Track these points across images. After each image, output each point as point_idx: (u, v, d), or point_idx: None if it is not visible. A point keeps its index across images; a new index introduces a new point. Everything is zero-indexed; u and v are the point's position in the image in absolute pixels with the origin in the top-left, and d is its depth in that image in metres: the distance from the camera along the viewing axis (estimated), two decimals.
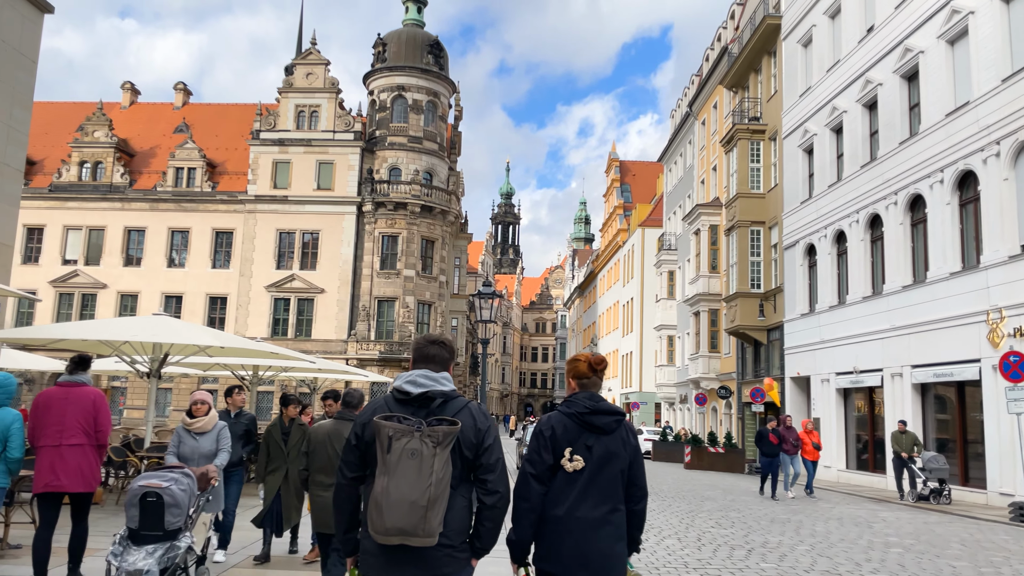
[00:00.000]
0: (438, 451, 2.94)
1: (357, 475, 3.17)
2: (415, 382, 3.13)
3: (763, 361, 29.55)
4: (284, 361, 15.45)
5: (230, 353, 13.85)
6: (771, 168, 29.09)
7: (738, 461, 26.74)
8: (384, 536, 2.92)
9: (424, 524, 2.89)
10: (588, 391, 3.52)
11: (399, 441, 2.94)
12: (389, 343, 47.35)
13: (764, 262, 28.79)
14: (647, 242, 47.70)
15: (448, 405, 3.13)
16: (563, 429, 3.41)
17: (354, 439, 3.16)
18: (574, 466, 3.35)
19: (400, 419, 3.01)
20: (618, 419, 3.47)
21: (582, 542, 3.31)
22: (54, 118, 54.31)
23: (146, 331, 12.39)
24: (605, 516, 3.36)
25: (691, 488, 19.44)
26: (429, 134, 50.87)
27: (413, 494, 2.88)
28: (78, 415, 6.13)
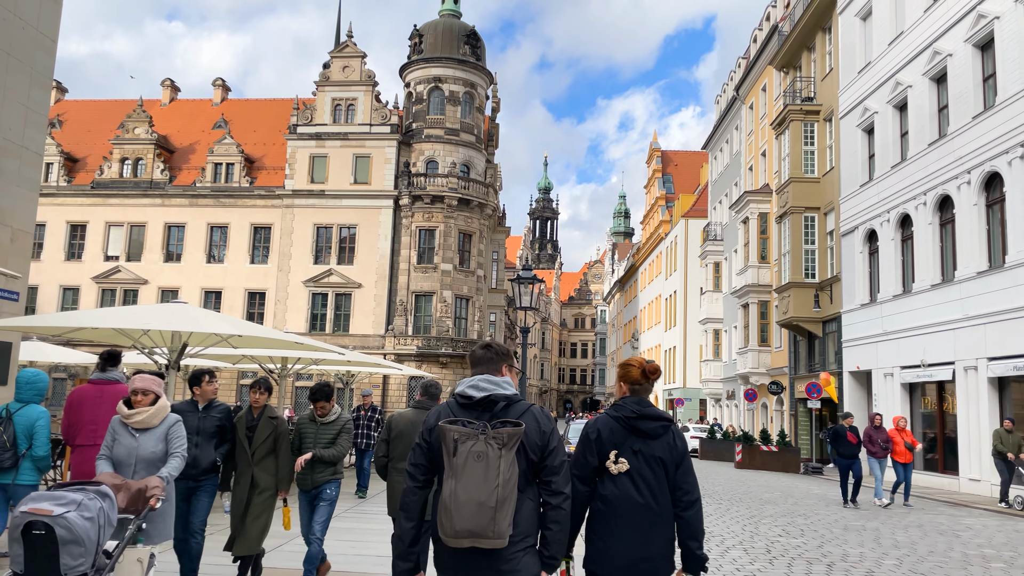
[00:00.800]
0: (503, 453, 2.95)
1: (427, 478, 3.18)
2: (477, 386, 3.15)
3: (818, 355, 27.87)
4: (312, 353, 14.46)
5: (253, 344, 12.87)
6: (826, 151, 27.38)
7: (793, 461, 25.16)
8: (455, 539, 2.91)
9: (494, 525, 2.88)
10: (638, 396, 3.54)
11: (464, 444, 2.96)
12: (427, 338, 46.48)
13: (819, 250, 27.11)
14: (691, 233, 46.04)
15: (511, 408, 3.13)
16: (609, 432, 3.44)
17: (423, 443, 3.17)
18: (619, 468, 3.38)
19: (464, 423, 3.04)
20: (665, 424, 3.47)
21: (630, 546, 3.33)
22: (96, 116, 54.66)
23: (162, 319, 11.49)
24: (654, 520, 3.35)
25: (746, 490, 18.03)
26: (466, 126, 49.86)
27: (481, 495, 2.89)
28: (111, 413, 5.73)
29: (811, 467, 24.42)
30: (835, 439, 14.77)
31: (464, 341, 47.11)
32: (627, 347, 65.14)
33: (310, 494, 6.40)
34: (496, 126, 55.40)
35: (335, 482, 6.43)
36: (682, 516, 3.43)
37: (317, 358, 15.75)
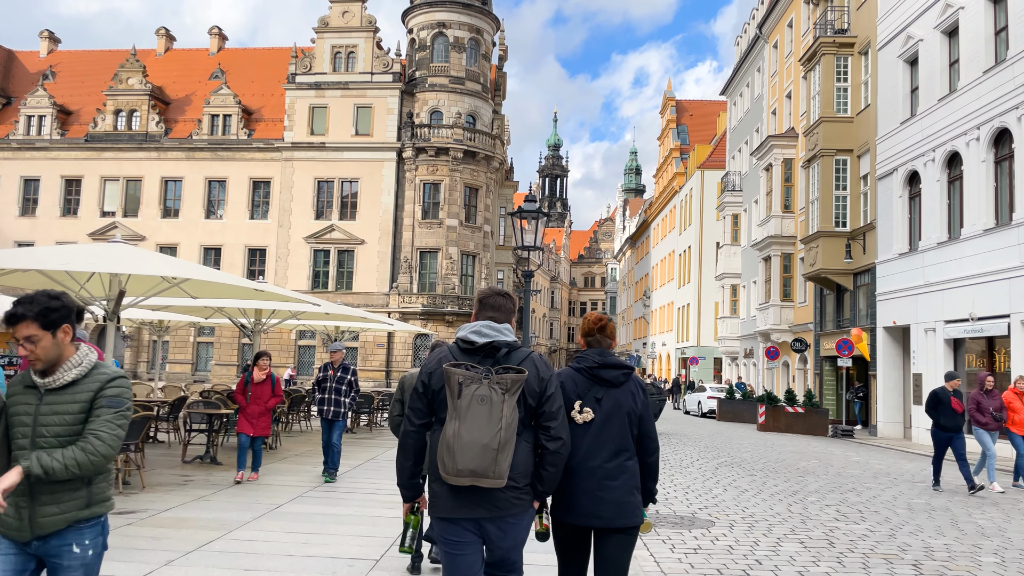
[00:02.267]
0: (506, 398, 3.02)
1: (425, 422, 3.23)
2: (480, 332, 3.20)
3: (847, 310, 25.64)
4: (280, 304, 12.41)
5: (204, 290, 10.82)
6: (861, 87, 24.78)
7: (820, 423, 23.09)
8: (456, 477, 2.99)
9: (495, 466, 2.96)
10: (598, 347, 3.59)
11: (469, 387, 3.02)
12: (432, 296, 44.46)
13: (851, 196, 24.69)
14: (707, 185, 43.48)
15: (512, 355, 3.20)
16: (572, 383, 3.50)
17: (421, 387, 3.22)
18: (583, 418, 3.42)
19: (468, 367, 3.09)
20: (626, 372, 3.53)
21: (595, 491, 3.36)
22: (90, 67, 52.18)
23: (90, 259, 9.44)
24: (618, 466, 3.40)
25: (777, 457, 16.01)
26: (472, 74, 47.12)
27: (484, 437, 2.97)
28: None
29: (840, 430, 22.37)
30: (934, 405, 11.44)
31: (471, 299, 45.04)
32: (638, 305, 63.02)
33: (29, 552, 2.88)
34: (503, 75, 52.56)
35: (92, 527, 2.92)
36: (647, 462, 3.55)
37: (295, 311, 13.70)
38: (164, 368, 47.55)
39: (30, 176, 48.49)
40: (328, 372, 9.72)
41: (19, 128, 48.53)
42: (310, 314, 14.64)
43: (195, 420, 11.55)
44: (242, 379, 9.64)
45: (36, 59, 53.83)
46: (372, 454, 13.27)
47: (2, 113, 50.45)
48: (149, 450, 12.51)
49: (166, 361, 47.60)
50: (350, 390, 9.76)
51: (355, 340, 45.57)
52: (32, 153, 48.39)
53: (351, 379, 9.80)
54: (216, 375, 46.46)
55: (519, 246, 10.00)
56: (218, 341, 47.01)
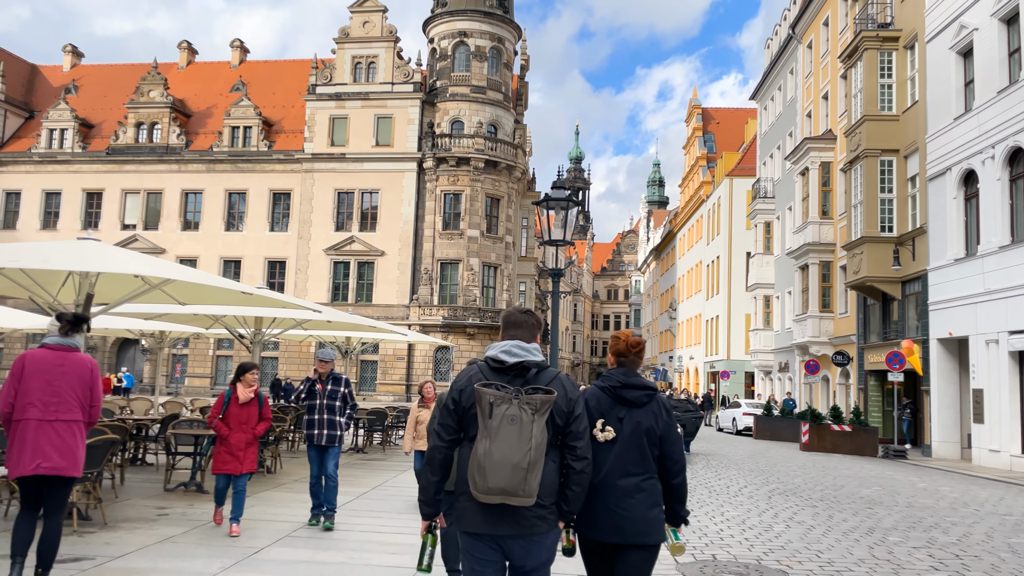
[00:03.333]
0: (536, 418, 3.02)
1: (454, 438, 3.23)
2: (510, 352, 3.22)
3: (894, 320, 23.78)
4: (279, 311, 11.00)
5: (192, 296, 9.43)
6: (907, 84, 23.05)
7: (869, 442, 21.20)
8: (486, 495, 3.00)
9: (524, 485, 2.97)
10: (624, 367, 3.60)
11: (500, 407, 3.02)
12: (453, 308, 43.06)
13: (898, 199, 22.90)
14: (736, 193, 41.72)
15: (541, 375, 3.20)
16: (596, 401, 3.49)
17: (452, 404, 3.23)
18: (605, 436, 3.42)
19: (498, 387, 3.09)
20: (649, 393, 3.51)
21: (615, 508, 3.37)
22: (113, 80, 51.79)
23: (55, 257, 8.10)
24: (637, 485, 3.40)
25: (833, 482, 14.26)
26: (493, 83, 45.93)
27: (515, 457, 2.97)
28: (76, 385, 5.18)
29: (892, 450, 20.47)
30: None
31: (492, 311, 43.61)
32: (664, 317, 61.13)
33: None
34: (525, 84, 51.32)
35: None
36: (672, 483, 3.49)
37: (299, 319, 12.29)
38: (183, 382, 46.63)
39: (51, 189, 47.98)
40: (316, 387, 7.80)
41: (41, 141, 48.10)
42: (316, 323, 13.24)
43: (181, 442, 10.13)
44: (220, 399, 7.45)
45: (59, 73, 53.57)
46: (380, 479, 11.76)
47: (25, 127, 50.12)
48: (133, 475, 11.12)
49: (184, 375, 46.63)
50: (345, 406, 7.88)
51: (375, 353, 44.31)
52: (54, 166, 47.89)
53: (346, 392, 7.91)
54: None
55: (545, 240, 8.48)
56: (237, 355, 45.91)
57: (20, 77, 51.69)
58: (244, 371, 7.55)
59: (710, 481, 13.53)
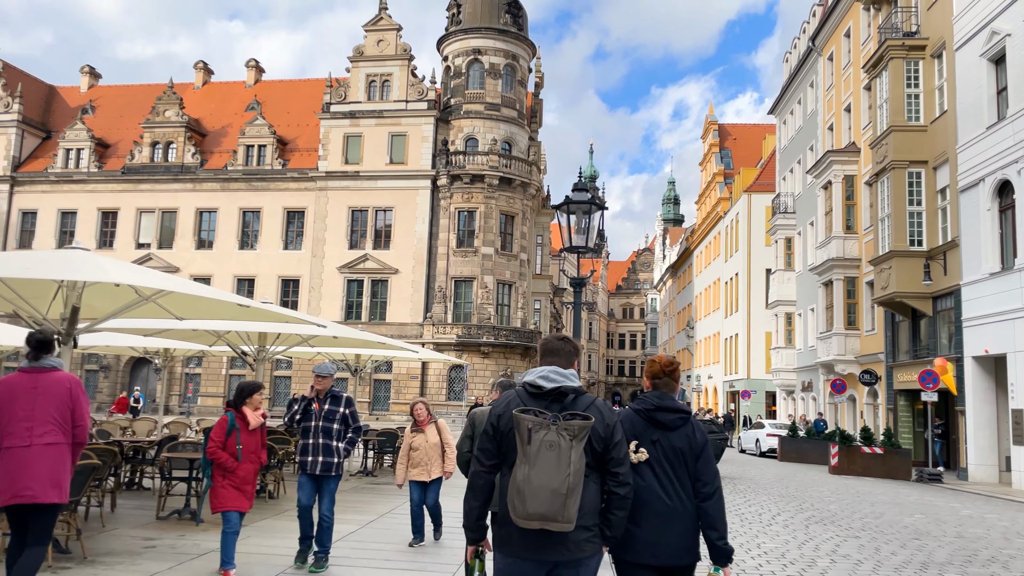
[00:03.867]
0: (574, 444, 3.02)
1: (495, 463, 3.24)
2: (547, 377, 3.21)
3: (924, 337, 22.81)
4: (269, 326, 10.34)
5: (188, 310, 8.79)
6: (935, 93, 22.27)
7: (902, 465, 20.18)
8: (525, 521, 3.01)
9: (563, 511, 2.97)
10: (659, 391, 3.62)
11: (538, 433, 3.02)
12: (467, 326, 42.36)
13: (928, 212, 22.03)
14: (754, 209, 40.89)
15: (579, 400, 3.21)
16: (630, 424, 3.52)
17: (491, 429, 3.24)
18: (638, 458, 3.44)
19: (536, 412, 3.10)
20: (683, 416, 3.54)
21: (650, 532, 3.39)
22: (128, 101, 51.93)
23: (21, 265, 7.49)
24: (672, 507, 3.40)
25: (871, 509, 13.33)
26: (508, 100, 45.53)
27: (554, 482, 2.96)
28: (51, 407, 4.88)
29: (927, 474, 19.44)
30: None
31: (507, 329, 42.87)
32: (681, 336, 60.09)
33: None
34: (539, 102, 50.92)
35: None
36: (702, 506, 3.46)
37: (305, 335, 11.64)
38: (195, 401, 46.15)
39: (67, 209, 47.96)
40: (313, 406, 6.74)
41: (57, 161, 48.16)
42: (323, 339, 12.57)
43: (176, 466, 9.44)
44: (221, 424, 6.21)
45: (77, 94, 53.82)
46: (389, 505, 10.99)
47: (42, 147, 50.25)
48: (127, 500, 10.45)
49: (197, 394, 46.16)
50: (346, 429, 6.78)
51: (388, 372, 43.66)
52: (70, 186, 47.90)
53: (347, 413, 6.80)
54: None
55: (567, 247, 7.77)
56: (250, 374, 45.34)
57: (38, 98, 51.95)
58: (250, 392, 6.41)
59: (740, 508, 12.66)
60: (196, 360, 46.08)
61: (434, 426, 7.80)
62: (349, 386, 43.58)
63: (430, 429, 7.75)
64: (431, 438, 7.68)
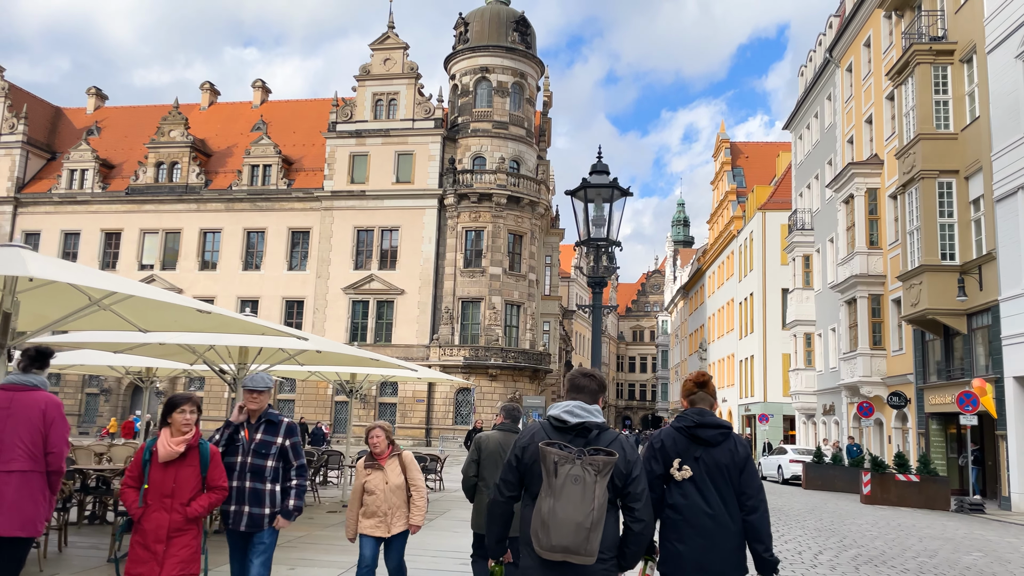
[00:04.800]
0: (599, 479, 3.04)
1: (515, 494, 3.31)
2: (572, 412, 3.23)
3: (958, 357, 21.39)
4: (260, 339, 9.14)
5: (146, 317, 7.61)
6: (964, 100, 21.09)
7: (940, 494, 18.68)
8: (549, 553, 3.04)
9: (587, 544, 3.00)
10: (697, 407, 3.64)
11: (564, 467, 3.04)
12: (475, 348, 41.08)
13: (960, 224, 20.75)
14: (769, 228, 39.65)
15: (602, 436, 3.23)
16: (672, 442, 3.56)
17: (515, 460, 3.28)
18: (682, 475, 3.48)
19: (562, 446, 3.12)
20: (724, 432, 3.54)
21: (700, 548, 3.39)
22: (135, 121, 51.42)
23: None
24: (717, 522, 3.40)
25: (920, 544, 11.90)
26: (516, 119, 44.67)
27: (578, 516, 2.99)
28: (22, 430, 4.38)
29: (968, 504, 17.95)
30: None
31: (515, 351, 41.57)
32: (693, 358, 58.57)
33: None
34: (548, 120, 50.10)
35: None
36: (747, 520, 3.47)
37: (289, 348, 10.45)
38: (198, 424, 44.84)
39: (70, 230, 47.23)
40: (240, 435, 4.86)
41: (61, 182, 47.53)
42: (312, 356, 11.34)
43: None
44: (138, 456, 4.57)
45: (83, 116, 53.39)
46: None
47: (47, 168, 49.68)
48: (85, 538, 9.19)
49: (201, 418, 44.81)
50: (287, 468, 4.90)
51: (394, 395, 42.38)
52: (73, 207, 47.21)
53: (287, 445, 4.88)
54: None
55: (583, 240, 6.57)
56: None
57: (44, 119, 51.50)
58: (172, 408, 4.65)
59: (776, 544, 11.28)
60: (198, 382, 44.98)
61: (397, 461, 5.69)
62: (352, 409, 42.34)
63: (391, 465, 5.64)
64: (392, 478, 5.59)
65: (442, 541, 9.90)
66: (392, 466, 5.67)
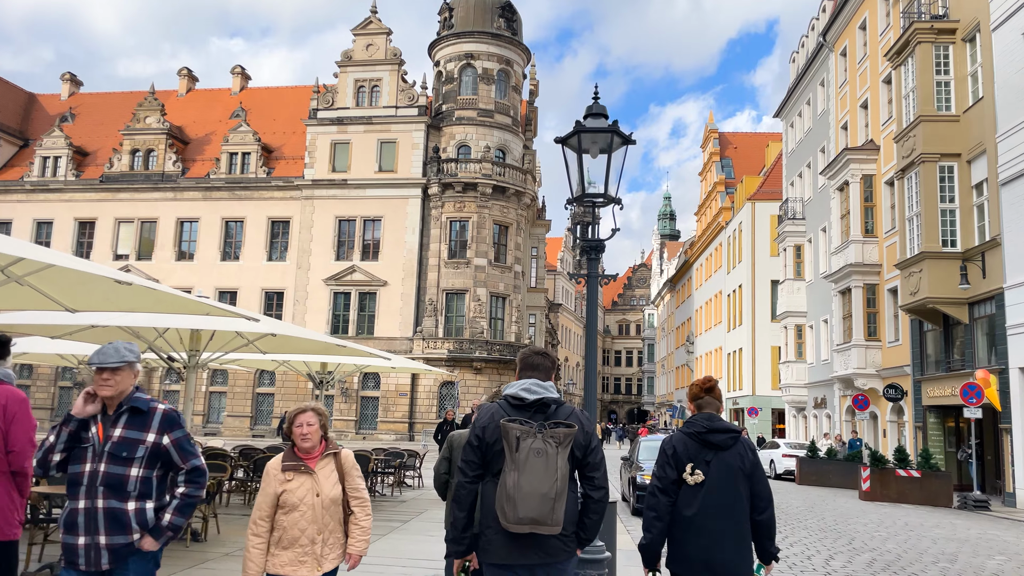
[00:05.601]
0: (560, 450, 3.15)
1: (478, 474, 3.30)
2: (530, 390, 3.31)
3: (959, 348, 20.54)
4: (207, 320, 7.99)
5: (71, 295, 6.46)
6: (967, 80, 20.19)
7: (942, 490, 17.81)
8: (516, 525, 3.10)
9: (552, 514, 3.10)
10: (706, 412, 3.69)
11: (526, 441, 3.12)
12: (459, 340, 39.96)
13: (962, 209, 19.86)
14: (758, 218, 38.78)
15: (560, 410, 3.32)
16: (683, 447, 3.61)
17: (475, 440, 3.30)
18: (694, 479, 3.53)
19: (523, 422, 3.20)
20: (734, 436, 3.63)
21: (707, 549, 3.46)
22: (108, 108, 49.76)
23: None
24: (728, 524, 3.48)
25: (935, 547, 10.95)
26: (501, 107, 43.50)
27: (543, 487, 3.07)
28: None
29: (972, 501, 17.08)
30: None
31: (500, 344, 40.48)
32: (680, 352, 57.76)
33: None
34: (534, 109, 48.93)
35: None
36: (758, 520, 3.58)
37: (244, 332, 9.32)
38: None
39: (43, 219, 45.59)
40: (91, 432, 3.43)
41: (34, 170, 45.85)
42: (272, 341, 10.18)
43: (57, 503, 7.04)
44: None
45: (57, 102, 51.63)
46: None
47: (19, 155, 47.96)
48: None
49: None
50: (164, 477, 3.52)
51: (376, 389, 41.21)
52: (46, 195, 45.57)
53: (166, 444, 3.46)
54: (228, 428, 42.23)
55: (576, 197, 5.49)
56: (231, 391, 42.91)
57: (16, 105, 49.72)
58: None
59: (781, 547, 10.28)
60: (175, 376, 43.56)
61: (332, 464, 3.98)
62: (334, 404, 41.02)
63: (325, 469, 3.96)
64: (326, 488, 3.90)
65: (417, 547, 8.82)
66: (326, 470, 3.94)
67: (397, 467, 14.67)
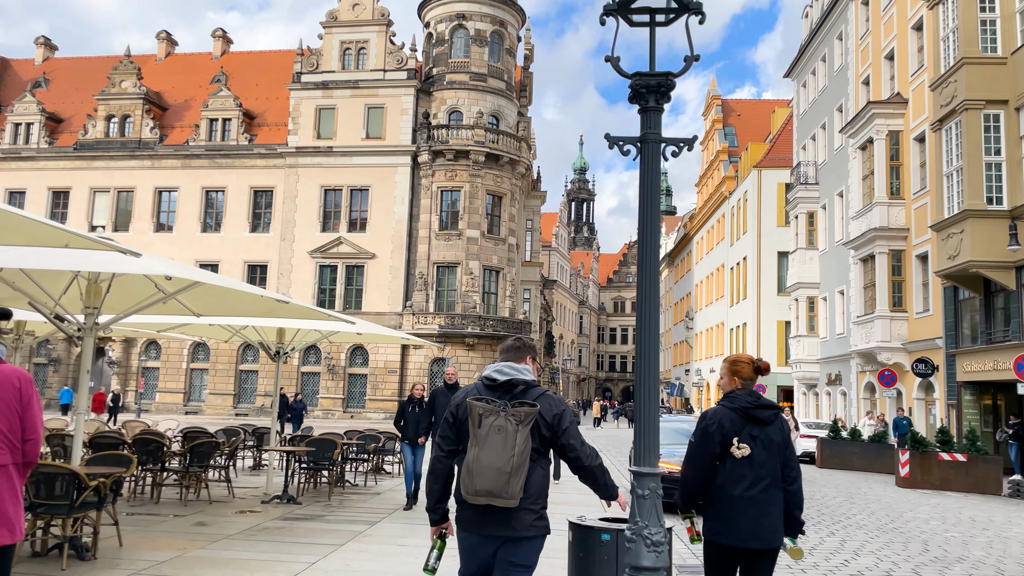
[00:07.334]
0: (520, 428, 3.26)
1: (453, 449, 3.47)
2: (501, 371, 3.46)
3: (1001, 318, 18.32)
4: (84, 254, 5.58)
5: None
6: (1014, 18, 17.79)
7: (990, 476, 15.64)
8: (474, 497, 3.25)
9: (507, 488, 3.20)
10: (748, 389, 3.85)
11: (488, 418, 3.28)
12: (451, 316, 37.66)
13: (1009, 163, 17.54)
14: (765, 187, 36.41)
15: (529, 392, 3.44)
16: (729, 422, 3.74)
17: (451, 417, 3.48)
18: (741, 452, 3.69)
19: (488, 401, 3.36)
20: (775, 412, 3.80)
21: (756, 518, 3.64)
22: (84, 73, 46.85)
23: None
24: (771, 494, 3.68)
25: (1008, 548, 8.77)
26: (495, 70, 40.86)
27: (499, 462, 3.19)
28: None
29: (1021, 487, 14.94)
30: None
31: (494, 319, 38.20)
32: (679, 327, 55.59)
33: None
34: (529, 75, 46.23)
35: None
36: (790, 489, 3.76)
37: (164, 286, 6.92)
38: (153, 398, 41.19)
39: (15, 188, 42.90)
40: None
41: (5, 137, 43.08)
42: (203, 302, 7.80)
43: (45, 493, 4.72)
44: None
45: (30, 67, 48.67)
46: (309, 557, 6.24)
47: None
48: None
49: (155, 390, 41.19)
50: None
51: (364, 366, 38.96)
52: (18, 163, 42.84)
53: None
54: (211, 406, 39.99)
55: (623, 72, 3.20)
56: (213, 367, 40.59)
57: None
58: None
59: (825, 549, 8.01)
60: (155, 352, 41.27)
61: None
62: (321, 383, 38.73)
63: None
64: None
65: (375, 564, 6.53)
66: None
67: (372, 452, 12.41)
